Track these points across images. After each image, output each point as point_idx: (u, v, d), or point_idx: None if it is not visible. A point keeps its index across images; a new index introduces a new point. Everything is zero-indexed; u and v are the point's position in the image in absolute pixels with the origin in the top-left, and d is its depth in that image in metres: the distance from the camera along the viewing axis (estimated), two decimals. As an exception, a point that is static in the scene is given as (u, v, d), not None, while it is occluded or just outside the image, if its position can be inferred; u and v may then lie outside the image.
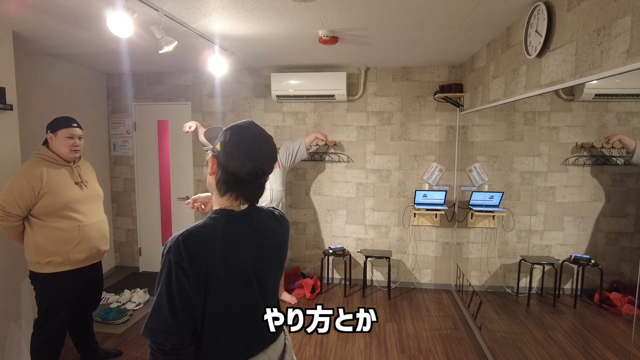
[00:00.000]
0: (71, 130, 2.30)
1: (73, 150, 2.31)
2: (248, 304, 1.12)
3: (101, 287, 2.70)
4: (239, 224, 1.12)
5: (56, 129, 2.28)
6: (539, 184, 2.30)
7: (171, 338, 1.00)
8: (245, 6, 2.27)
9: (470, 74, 3.57)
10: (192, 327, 1.04)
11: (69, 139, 2.29)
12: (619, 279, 1.80)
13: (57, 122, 2.31)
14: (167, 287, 1.01)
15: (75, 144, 2.32)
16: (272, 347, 1.20)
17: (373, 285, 4.29)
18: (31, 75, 3.43)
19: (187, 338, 1.03)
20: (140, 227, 4.61)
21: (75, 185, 2.33)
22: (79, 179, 2.37)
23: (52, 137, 2.29)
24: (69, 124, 2.31)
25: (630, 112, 1.77)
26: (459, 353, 2.96)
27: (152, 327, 1.00)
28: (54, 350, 2.37)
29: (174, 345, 1.01)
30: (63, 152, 2.29)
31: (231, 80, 4.29)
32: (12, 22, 2.54)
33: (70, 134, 2.29)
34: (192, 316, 1.03)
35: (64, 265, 2.28)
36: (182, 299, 1.01)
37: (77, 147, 2.33)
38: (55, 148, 2.29)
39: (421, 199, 3.99)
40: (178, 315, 1.00)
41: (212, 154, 1.15)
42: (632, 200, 1.77)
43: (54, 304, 2.31)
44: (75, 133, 2.32)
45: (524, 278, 2.53)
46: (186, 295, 1.01)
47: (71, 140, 2.30)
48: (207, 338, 1.07)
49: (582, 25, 1.74)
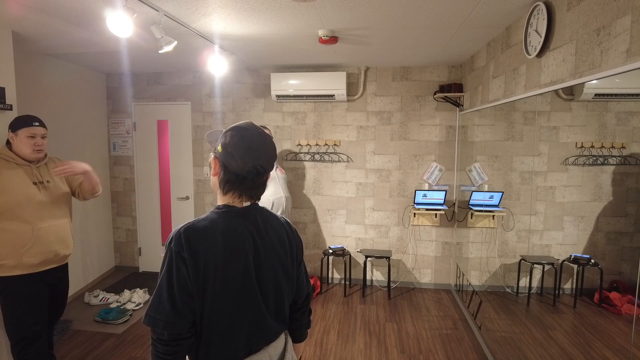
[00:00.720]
0: (32, 130, 2.18)
1: (35, 150, 2.20)
2: (248, 298, 1.13)
3: (65, 294, 2.51)
4: (240, 219, 1.15)
5: (17, 128, 2.17)
6: (538, 184, 2.30)
7: (169, 327, 1.03)
8: (245, 6, 2.27)
9: (470, 73, 3.57)
10: (190, 318, 1.06)
11: (30, 138, 2.18)
12: (618, 279, 1.81)
13: (18, 121, 2.19)
14: (167, 276, 1.05)
15: (37, 143, 2.20)
16: (272, 346, 1.21)
17: (373, 285, 4.29)
18: (31, 75, 3.43)
19: (186, 329, 1.06)
20: (140, 227, 4.61)
21: (33, 185, 2.20)
22: (39, 179, 2.24)
23: (12, 136, 2.18)
24: (30, 123, 2.19)
25: (630, 112, 1.77)
26: (458, 353, 2.96)
27: (152, 315, 1.04)
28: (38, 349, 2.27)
29: (172, 335, 1.04)
30: (25, 152, 2.18)
31: (231, 80, 4.29)
32: (12, 22, 2.54)
33: (31, 133, 2.18)
34: (190, 307, 1.06)
35: (16, 269, 2.16)
36: (181, 289, 1.04)
37: (39, 147, 2.21)
38: (17, 148, 2.18)
39: (421, 198, 3.99)
40: (177, 305, 1.03)
41: (214, 156, 1.19)
42: (632, 199, 1.77)
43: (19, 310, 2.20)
44: (37, 132, 2.20)
45: (523, 278, 2.53)
46: (185, 285, 1.04)
47: (32, 140, 2.18)
48: (206, 331, 1.09)
49: (582, 25, 1.74)
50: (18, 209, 2.14)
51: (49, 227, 2.24)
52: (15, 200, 2.13)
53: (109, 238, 4.61)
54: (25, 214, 2.16)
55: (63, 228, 2.34)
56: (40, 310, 2.28)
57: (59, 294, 2.45)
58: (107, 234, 4.56)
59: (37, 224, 2.19)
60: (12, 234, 2.14)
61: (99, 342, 3.05)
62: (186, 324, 1.05)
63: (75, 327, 3.29)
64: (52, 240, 2.26)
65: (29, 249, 2.18)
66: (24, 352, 2.23)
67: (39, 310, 2.27)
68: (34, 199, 2.19)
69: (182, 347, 1.07)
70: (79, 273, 4.05)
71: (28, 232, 2.17)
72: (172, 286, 1.04)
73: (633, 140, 1.75)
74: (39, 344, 2.27)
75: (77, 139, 4.02)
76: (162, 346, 1.05)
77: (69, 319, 3.40)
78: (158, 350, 1.05)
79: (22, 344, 2.22)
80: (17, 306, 2.20)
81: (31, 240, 2.18)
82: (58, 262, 2.34)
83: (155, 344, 1.06)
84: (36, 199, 2.20)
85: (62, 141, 3.79)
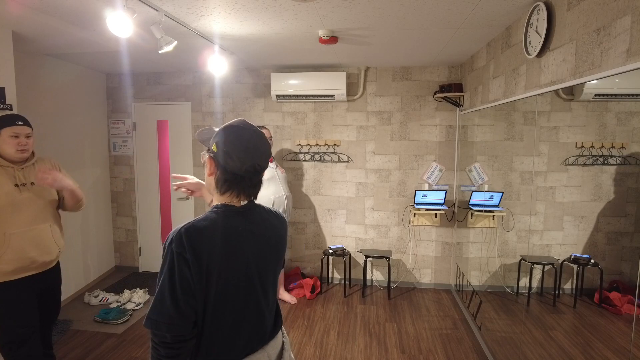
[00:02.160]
0: (16, 129, 2.09)
1: (20, 150, 2.10)
2: (249, 297, 1.13)
3: (56, 299, 2.43)
4: (239, 218, 1.14)
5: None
6: (538, 184, 2.30)
7: (173, 329, 1.01)
8: (245, 6, 2.27)
9: (470, 73, 3.57)
10: (193, 319, 1.05)
11: (13, 137, 2.08)
12: (618, 279, 1.80)
13: (1, 120, 2.10)
14: (169, 278, 1.03)
15: (21, 142, 2.11)
16: (271, 345, 1.21)
17: (373, 285, 4.29)
18: (31, 75, 3.43)
19: (189, 330, 1.04)
20: (140, 227, 4.61)
21: (14, 187, 2.08)
22: (21, 181, 2.12)
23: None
24: (13, 122, 2.09)
25: (630, 112, 1.77)
26: (458, 353, 2.96)
27: (154, 318, 1.02)
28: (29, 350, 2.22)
29: (175, 337, 1.02)
30: (8, 152, 2.08)
31: (231, 80, 4.29)
32: (12, 22, 2.54)
33: (14, 133, 2.09)
34: (193, 307, 1.04)
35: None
36: (184, 290, 1.02)
37: (24, 147, 2.12)
38: (0, 148, 2.09)
39: (421, 198, 3.99)
40: (180, 306, 1.01)
41: (209, 155, 1.17)
42: (632, 199, 1.77)
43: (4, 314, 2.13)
44: (20, 131, 2.11)
45: (523, 278, 2.53)
46: (188, 286, 1.03)
47: (16, 140, 2.09)
48: (207, 331, 1.08)
49: (582, 25, 1.74)
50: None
51: (23, 233, 2.11)
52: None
53: (109, 238, 4.61)
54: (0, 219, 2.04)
55: (41, 233, 2.19)
56: (26, 315, 2.19)
57: (49, 299, 2.36)
58: (107, 234, 4.56)
59: (10, 229, 2.07)
60: None
61: (99, 342, 3.05)
62: (189, 325, 1.04)
63: (75, 327, 3.28)
64: (26, 247, 2.12)
65: (1, 256, 2.05)
66: (11, 354, 2.18)
67: (24, 314, 2.18)
68: (11, 202, 2.07)
69: (185, 349, 1.05)
70: (79, 273, 4.05)
71: (1, 238, 2.04)
72: (174, 288, 1.02)
73: (633, 140, 1.75)
74: (28, 347, 2.20)
75: (77, 139, 4.02)
76: (164, 349, 1.02)
77: (69, 319, 3.40)
78: (160, 353, 1.03)
79: (10, 346, 2.17)
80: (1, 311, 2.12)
81: (3, 246, 2.05)
82: (37, 269, 2.20)
83: (157, 347, 1.03)
84: (14, 203, 2.08)
85: (62, 141, 3.79)
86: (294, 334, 3.22)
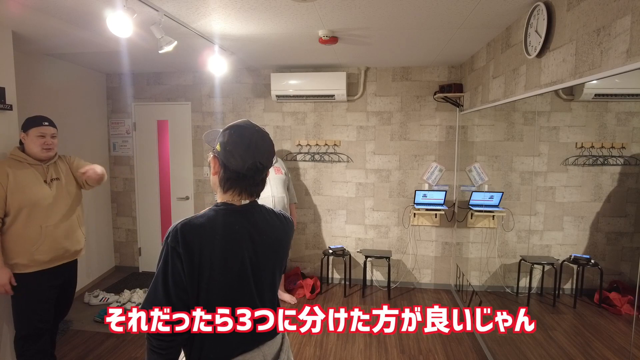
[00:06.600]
0: (42, 129, 2.26)
1: (45, 149, 2.27)
2: (242, 296, 1.14)
3: (72, 294, 2.61)
4: (238, 217, 1.15)
5: (27, 128, 2.24)
6: (538, 184, 2.30)
7: None
8: (245, 6, 2.27)
9: (470, 74, 3.57)
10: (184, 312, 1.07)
11: (40, 137, 2.25)
12: (618, 279, 1.81)
13: (29, 121, 2.27)
14: (163, 271, 1.07)
15: (47, 142, 2.27)
16: (267, 345, 1.21)
17: (373, 285, 4.29)
18: (31, 75, 3.43)
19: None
20: (140, 227, 4.61)
21: (44, 184, 2.27)
22: (51, 177, 2.31)
23: (24, 136, 2.26)
24: (39, 123, 2.26)
25: (630, 112, 1.77)
26: (458, 353, 2.96)
27: (146, 308, 1.06)
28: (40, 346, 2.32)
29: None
30: (35, 151, 2.25)
31: (231, 80, 4.29)
32: (12, 22, 2.54)
33: (41, 133, 2.25)
34: (185, 302, 1.07)
35: (29, 267, 2.23)
36: (176, 283, 1.06)
37: (49, 146, 2.28)
38: (28, 147, 2.26)
39: (421, 198, 3.99)
40: (171, 300, 1.05)
41: (214, 155, 1.19)
42: (632, 200, 1.77)
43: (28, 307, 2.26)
44: (46, 132, 2.27)
45: (523, 278, 2.53)
46: (180, 280, 1.06)
47: (42, 139, 2.26)
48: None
49: (582, 25, 1.74)
50: (29, 208, 2.20)
51: (57, 224, 2.31)
52: (27, 200, 2.19)
53: (109, 238, 4.61)
54: (36, 213, 2.22)
55: (72, 224, 2.41)
56: (47, 309, 2.34)
57: (67, 293, 2.54)
58: (107, 234, 4.56)
59: (46, 222, 2.26)
60: (23, 232, 2.20)
61: (99, 342, 3.05)
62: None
63: (75, 327, 3.29)
64: (61, 237, 2.33)
65: (39, 247, 2.24)
66: (25, 348, 2.29)
67: (46, 308, 2.33)
68: (45, 197, 2.25)
69: (176, 342, 1.08)
70: (79, 273, 4.01)
71: (38, 230, 2.23)
72: (167, 281, 1.06)
73: (633, 141, 1.75)
74: (42, 342, 2.33)
75: (77, 139, 4.02)
76: (156, 340, 1.06)
77: (69, 319, 3.40)
78: (152, 344, 1.07)
79: (25, 340, 2.28)
80: (27, 303, 2.27)
81: (41, 238, 2.24)
82: (68, 258, 2.42)
83: (150, 338, 1.07)
84: (47, 198, 2.26)
85: (63, 141, 3.75)
86: (294, 333, 3.22)
